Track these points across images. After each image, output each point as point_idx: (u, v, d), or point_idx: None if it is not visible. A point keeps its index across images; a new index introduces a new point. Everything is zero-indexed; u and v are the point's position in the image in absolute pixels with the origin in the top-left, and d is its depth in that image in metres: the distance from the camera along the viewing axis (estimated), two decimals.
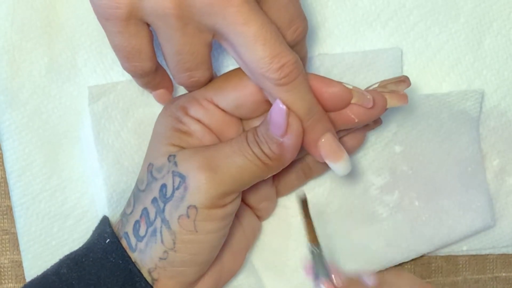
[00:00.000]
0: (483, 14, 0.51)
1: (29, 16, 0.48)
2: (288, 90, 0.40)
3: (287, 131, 0.40)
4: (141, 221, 0.43)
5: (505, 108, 0.52)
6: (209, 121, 0.44)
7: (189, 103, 0.44)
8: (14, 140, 0.49)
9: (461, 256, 0.53)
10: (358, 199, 0.50)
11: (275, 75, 0.39)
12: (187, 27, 0.40)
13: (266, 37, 0.39)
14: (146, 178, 0.44)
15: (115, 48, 0.42)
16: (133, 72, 0.43)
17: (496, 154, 0.52)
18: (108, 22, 0.40)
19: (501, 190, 0.52)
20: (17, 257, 0.50)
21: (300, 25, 0.43)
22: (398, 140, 0.50)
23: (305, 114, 0.41)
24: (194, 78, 0.43)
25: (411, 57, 0.51)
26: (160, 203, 0.42)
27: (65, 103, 0.49)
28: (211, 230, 0.42)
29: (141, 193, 0.44)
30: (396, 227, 0.50)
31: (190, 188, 0.41)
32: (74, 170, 0.49)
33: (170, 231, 0.42)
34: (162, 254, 0.42)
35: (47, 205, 0.49)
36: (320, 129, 0.42)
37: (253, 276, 0.50)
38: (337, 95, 0.42)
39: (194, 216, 0.41)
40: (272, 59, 0.39)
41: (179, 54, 0.41)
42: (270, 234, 0.50)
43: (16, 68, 0.48)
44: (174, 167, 0.42)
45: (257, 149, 0.41)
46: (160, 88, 0.46)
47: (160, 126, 0.45)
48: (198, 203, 0.41)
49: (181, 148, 0.43)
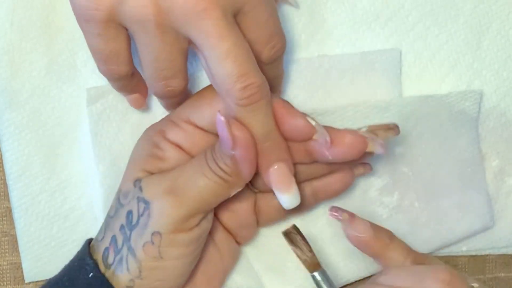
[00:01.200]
0: (482, 14, 0.51)
1: (29, 16, 0.48)
2: (248, 111, 0.40)
3: (234, 144, 0.40)
4: (110, 248, 0.43)
5: (505, 108, 0.52)
6: (188, 144, 0.43)
7: (167, 126, 0.43)
8: (14, 140, 0.49)
9: (461, 257, 0.53)
10: (358, 200, 0.50)
11: (238, 94, 0.39)
12: (165, 34, 0.39)
13: (237, 55, 0.39)
14: (115, 204, 0.44)
15: (93, 50, 0.42)
16: (109, 75, 0.43)
17: (495, 155, 0.52)
18: (87, 24, 0.40)
19: (501, 190, 0.53)
20: (16, 259, 0.50)
21: (278, 42, 0.43)
22: (398, 141, 0.50)
23: (261, 138, 0.41)
24: (170, 87, 0.42)
25: (411, 58, 0.51)
26: (126, 231, 0.42)
27: (65, 103, 0.49)
28: (176, 256, 0.42)
29: (110, 220, 0.44)
30: (396, 228, 0.50)
31: (153, 214, 0.41)
32: (73, 171, 0.49)
33: (136, 259, 0.42)
34: (128, 282, 0.42)
35: (46, 206, 0.49)
36: (274, 156, 0.42)
37: (252, 277, 0.50)
38: (298, 128, 0.42)
39: (159, 242, 0.41)
40: (239, 77, 0.39)
41: (156, 62, 0.41)
42: (269, 235, 0.50)
43: (15, 69, 0.48)
44: (139, 192, 0.42)
45: (215, 165, 0.41)
46: (135, 92, 0.46)
47: (136, 150, 0.45)
48: (162, 228, 0.41)
49: (150, 174, 0.43)
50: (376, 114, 0.49)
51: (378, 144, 0.43)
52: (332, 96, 0.50)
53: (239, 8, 0.40)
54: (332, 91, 0.50)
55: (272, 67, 0.44)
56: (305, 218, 0.50)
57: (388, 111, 0.49)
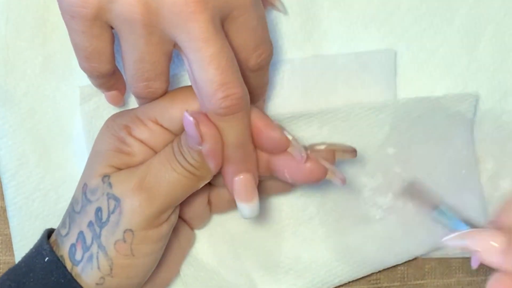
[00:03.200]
0: (478, 17, 0.51)
1: (24, 15, 0.48)
2: (225, 120, 0.40)
3: (202, 140, 0.40)
4: (77, 245, 0.42)
5: (500, 111, 0.52)
6: (154, 142, 0.43)
7: (133, 123, 0.43)
8: (8, 139, 0.49)
9: (455, 258, 0.53)
10: (351, 201, 0.50)
11: (217, 103, 0.39)
12: (151, 35, 0.39)
13: (220, 62, 0.38)
14: (81, 199, 0.43)
15: (76, 47, 0.41)
16: (90, 72, 0.43)
17: (490, 157, 0.52)
18: (73, 20, 0.40)
19: (495, 193, 0.52)
20: (10, 259, 0.50)
21: (265, 50, 0.42)
22: (392, 142, 0.50)
23: (231, 147, 0.41)
24: (151, 89, 0.42)
25: (406, 59, 0.51)
26: (96, 228, 0.42)
27: (59, 102, 0.49)
28: (147, 253, 0.42)
29: (76, 215, 0.43)
30: (389, 229, 0.50)
31: (124, 212, 0.41)
32: (67, 170, 0.49)
33: (107, 257, 0.42)
34: (98, 280, 0.42)
35: (40, 205, 0.49)
36: (242, 166, 0.42)
37: (245, 277, 0.50)
38: (274, 141, 0.42)
39: (131, 240, 0.41)
40: (220, 86, 0.39)
41: (140, 62, 0.41)
42: (263, 235, 0.50)
43: (10, 67, 0.48)
44: (109, 189, 0.42)
45: (182, 159, 0.41)
46: (114, 89, 0.46)
47: (100, 144, 0.44)
48: (134, 226, 0.41)
49: (117, 170, 0.43)
50: (371, 115, 0.49)
51: (337, 178, 0.43)
52: (326, 96, 0.50)
53: (228, 13, 0.40)
54: (327, 91, 0.50)
55: (258, 75, 0.43)
56: (298, 218, 0.50)
57: (382, 112, 0.49)
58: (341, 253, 0.50)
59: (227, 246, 0.50)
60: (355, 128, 0.49)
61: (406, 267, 0.53)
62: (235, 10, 0.40)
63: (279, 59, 0.50)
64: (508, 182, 0.52)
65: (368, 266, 0.50)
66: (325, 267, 0.50)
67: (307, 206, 0.50)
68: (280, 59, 0.50)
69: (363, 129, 0.49)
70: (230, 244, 0.50)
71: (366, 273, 0.51)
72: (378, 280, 0.52)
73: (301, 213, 0.50)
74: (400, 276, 0.52)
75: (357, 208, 0.50)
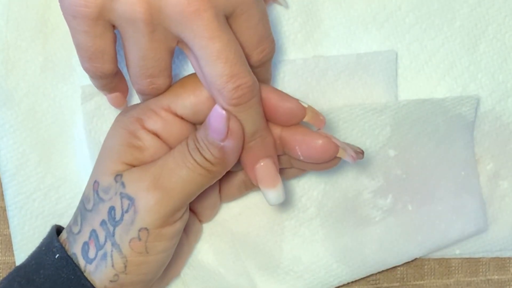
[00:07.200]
0: (478, 18, 0.51)
1: (24, 15, 0.48)
2: (239, 110, 0.40)
3: (227, 136, 0.40)
4: (90, 243, 0.42)
5: (500, 112, 0.52)
6: (166, 133, 0.43)
7: (145, 114, 0.43)
8: (9, 139, 0.49)
9: (454, 259, 0.53)
10: (351, 202, 0.50)
11: (229, 94, 0.40)
12: (154, 33, 0.40)
13: (228, 56, 0.39)
14: (93, 197, 0.43)
15: (78, 47, 0.41)
16: (93, 72, 0.43)
17: (490, 158, 0.52)
18: (75, 20, 0.40)
19: (495, 194, 0.53)
20: (10, 259, 0.50)
21: (268, 46, 0.43)
22: (392, 144, 0.50)
23: (249, 135, 0.41)
24: (155, 85, 0.42)
25: (406, 60, 0.51)
26: (109, 226, 0.42)
27: (60, 102, 0.49)
28: (161, 250, 0.42)
29: (88, 213, 0.43)
30: (389, 231, 0.50)
31: (139, 211, 0.41)
32: (68, 169, 0.49)
33: (121, 255, 0.42)
34: (112, 277, 0.42)
35: (41, 205, 0.49)
36: (261, 153, 0.42)
37: (245, 277, 0.50)
38: (291, 111, 0.43)
39: (146, 238, 0.41)
40: (230, 78, 0.39)
41: (143, 60, 0.41)
42: (263, 236, 0.50)
43: (11, 67, 0.48)
44: (122, 188, 0.42)
45: (199, 156, 0.41)
46: (116, 91, 0.46)
47: (111, 140, 0.44)
48: (149, 224, 0.41)
49: (129, 167, 0.42)
50: (371, 116, 0.49)
51: (348, 154, 0.44)
52: (327, 97, 0.50)
53: (232, 10, 0.40)
54: (328, 92, 0.50)
55: (260, 71, 0.44)
56: (298, 219, 0.50)
57: (383, 114, 0.49)
58: (341, 254, 0.50)
59: (227, 246, 0.50)
60: (356, 129, 0.49)
61: (405, 268, 0.53)
62: (238, 8, 0.40)
63: (279, 60, 0.50)
64: (508, 182, 0.53)
65: (367, 267, 0.51)
66: (325, 268, 0.50)
67: (307, 207, 0.50)
68: (280, 60, 0.50)
69: (364, 130, 0.49)
70: (230, 244, 0.50)
71: (366, 274, 0.51)
72: (377, 280, 0.52)
73: (302, 214, 0.50)
74: (400, 276, 0.52)
75: (357, 210, 0.50)
